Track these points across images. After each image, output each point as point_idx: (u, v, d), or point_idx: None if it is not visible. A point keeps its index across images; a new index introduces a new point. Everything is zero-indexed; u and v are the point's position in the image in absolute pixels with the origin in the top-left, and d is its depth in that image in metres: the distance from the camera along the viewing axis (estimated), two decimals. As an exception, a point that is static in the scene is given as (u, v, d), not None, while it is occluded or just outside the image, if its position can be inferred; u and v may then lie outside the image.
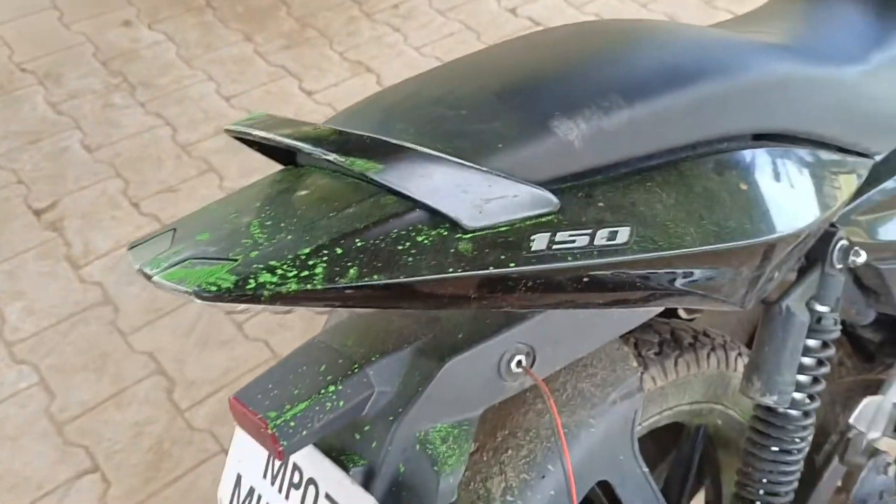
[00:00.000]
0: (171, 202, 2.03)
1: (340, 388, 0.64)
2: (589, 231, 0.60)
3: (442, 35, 2.65)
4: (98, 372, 1.66)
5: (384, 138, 0.55)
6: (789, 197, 0.72)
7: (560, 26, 0.82)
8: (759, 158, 0.71)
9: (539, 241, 0.59)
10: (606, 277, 0.62)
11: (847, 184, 0.80)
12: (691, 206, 0.65)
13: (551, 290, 0.61)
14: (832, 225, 0.84)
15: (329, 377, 0.64)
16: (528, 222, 0.58)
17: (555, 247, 0.59)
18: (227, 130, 0.65)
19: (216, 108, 2.32)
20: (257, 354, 1.69)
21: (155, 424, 1.57)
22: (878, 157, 0.88)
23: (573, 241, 0.60)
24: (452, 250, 0.56)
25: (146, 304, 1.78)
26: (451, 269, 0.56)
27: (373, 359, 0.66)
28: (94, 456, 1.51)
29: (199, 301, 0.53)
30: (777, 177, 0.72)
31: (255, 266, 0.53)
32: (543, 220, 0.59)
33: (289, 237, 0.55)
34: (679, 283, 0.66)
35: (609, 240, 0.61)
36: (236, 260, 0.54)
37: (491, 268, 0.57)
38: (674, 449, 1.10)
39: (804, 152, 0.76)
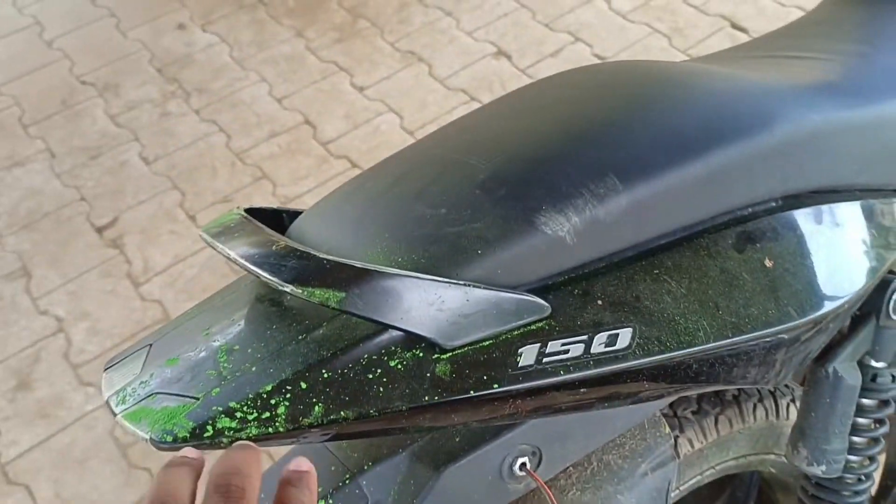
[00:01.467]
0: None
1: (332, 501, 0.61)
2: (584, 337, 0.55)
3: (495, 16, 2.56)
4: (160, 390, 1.69)
5: (346, 262, 0.51)
6: (828, 263, 0.64)
7: (549, 80, 0.74)
8: (789, 224, 0.63)
9: (527, 355, 0.53)
10: (607, 383, 0.57)
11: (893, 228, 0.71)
12: (705, 294, 0.58)
13: (544, 401, 0.56)
14: (891, 271, 0.75)
15: (320, 489, 0.61)
16: (514, 333, 0.53)
17: (545, 360, 0.54)
18: (202, 237, 0.62)
19: (268, 111, 2.32)
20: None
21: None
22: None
23: (566, 352, 0.54)
24: (428, 374, 0.52)
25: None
26: (425, 398, 0.51)
27: (366, 467, 0.62)
28: (157, 477, 1.55)
29: (158, 450, 0.50)
30: (811, 243, 0.64)
31: (213, 409, 0.50)
32: (532, 328, 0.54)
33: (253, 368, 0.52)
34: (694, 377, 0.60)
35: (608, 345, 0.55)
36: (197, 399, 0.51)
37: (471, 391, 0.52)
38: (727, 492, 1.03)
39: (846, 206, 0.67)
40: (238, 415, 0.49)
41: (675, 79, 0.68)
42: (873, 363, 0.77)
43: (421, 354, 0.52)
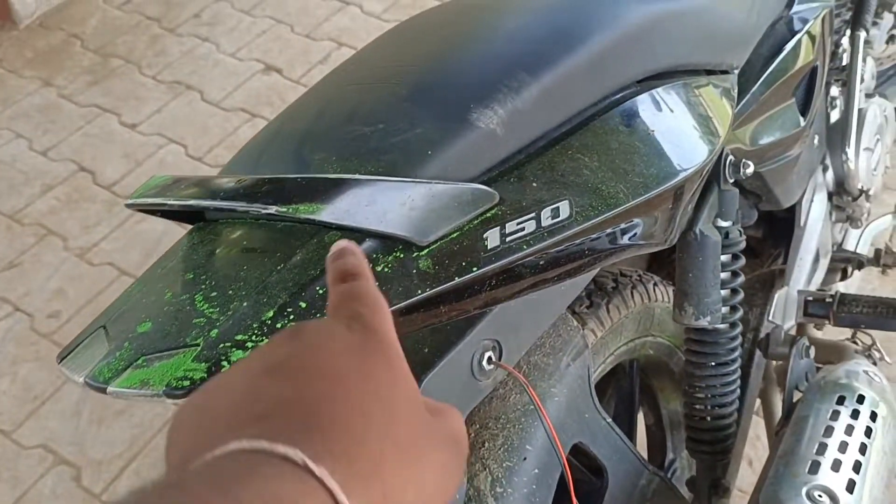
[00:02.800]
0: (18, 278, 1.85)
1: None
2: (533, 214, 0.60)
3: (255, 34, 2.55)
4: (-10, 481, 1.51)
5: (322, 175, 0.52)
6: (692, 128, 0.75)
7: (430, 10, 0.80)
8: (656, 100, 0.73)
9: (492, 238, 0.58)
10: (559, 254, 0.62)
11: (728, 102, 0.84)
12: (614, 163, 0.66)
13: (512, 281, 0.60)
14: None
15: None
16: (475, 221, 0.57)
17: (508, 239, 0.58)
18: (129, 205, 0.59)
19: (35, 165, 2.13)
20: (162, 413, 1.59)
21: (73, 517, 1.45)
22: (737, 71, 0.93)
23: (522, 229, 0.59)
24: (414, 271, 0.54)
25: (21, 395, 1.63)
26: (419, 291, 0.54)
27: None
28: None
29: (170, 401, 0.48)
30: (675, 113, 0.74)
31: (221, 346, 0.49)
32: (489, 215, 0.58)
33: (244, 304, 0.51)
34: (619, 239, 0.68)
35: (553, 217, 0.61)
36: (197, 344, 0.49)
37: (456, 277, 0.55)
38: (612, 390, 1.14)
39: (687, 83, 0.78)
40: (249, 345, 0.49)
41: None
42: (722, 223, 0.90)
43: (402, 255, 0.54)
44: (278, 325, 0.50)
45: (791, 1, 1.08)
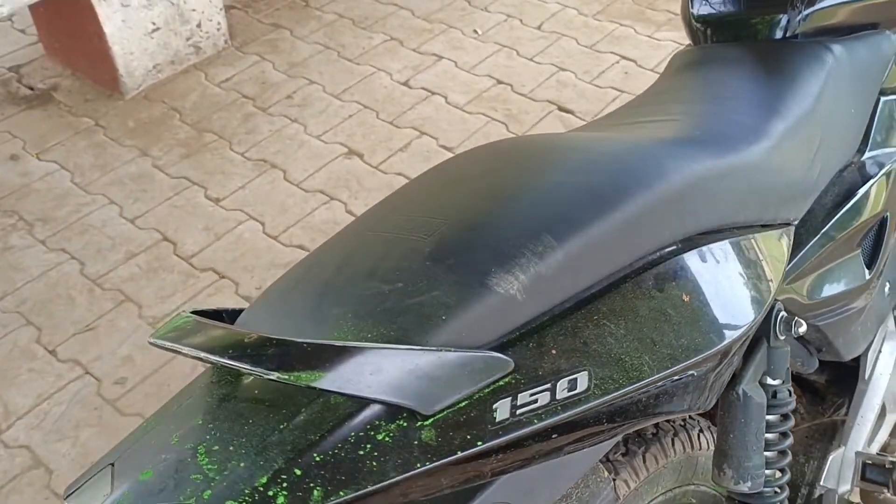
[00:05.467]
0: (92, 342, 1.93)
1: None
2: (548, 385, 0.59)
3: (341, 118, 2.65)
4: (38, 544, 1.54)
5: (325, 342, 0.52)
6: (732, 294, 0.72)
7: (465, 155, 0.81)
8: (693, 263, 0.71)
9: (502, 410, 0.57)
10: (575, 424, 0.61)
11: (779, 257, 0.81)
12: (641, 331, 0.64)
13: (522, 450, 0.59)
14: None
15: None
16: (486, 390, 0.57)
17: (518, 412, 0.57)
18: (153, 343, 0.61)
19: (122, 232, 2.24)
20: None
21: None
22: (795, 223, 0.90)
23: (535, 401, 0.58)
24: (416, 442, 0.54)
25: (79, 460, 1.68)
26: (418, 465, 0.53)
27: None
28: None
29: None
30: (715, 276, 0.72)
31: (211, 511, 0.49)
32: (501, 383, 0.57)
33: (241, 464, 0.52)
34: (645, 408, 0.66)
35: (570, 390, 0.59)
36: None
37: (458, 452, 0.55)
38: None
39: (733, 242, 0.76)
40: None
41: (575, 146, 0.76)
42: (770, 381, 0.86)
43: (405, 424, 0.54)
44: (270, 493, 0.50)
45: (864, 146, 1.05)
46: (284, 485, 0.50)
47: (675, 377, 0.66)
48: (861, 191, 0.99)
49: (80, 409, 1.79)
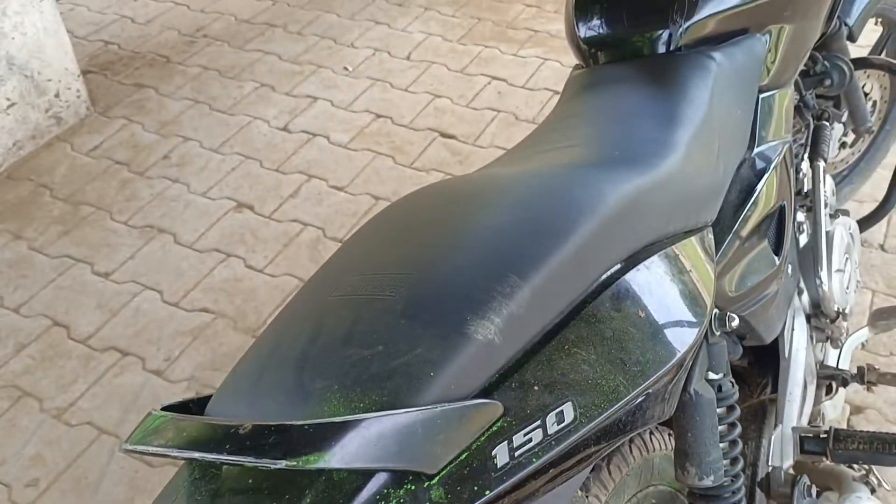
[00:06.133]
0: (-9, 447, 1.80)
1: None
2: (539, 422, 0.60)
3: (224, 172, 2.59)
4: None
5: (326, 421, 0.51)
6: (681, 301, 0.76)
7: (403, 202, 0.81)
8: (641, 278, 0.74)
9: (501, 455, 0.57)
10: (566, 456, 0.62)
11: (709, 260, 0.86)
12: (611, 353, 0.67)
13: (521, 491, 0.60)
14: None
15: None
16: (482, 438, 0.57)
17: (517, 454, 0.58)
18: (128, 451, 0.58)
19: (6, 323, 2.10)
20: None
21: None
22: (711, 224, 0.95)
23: (530, 440, 0.59)
24: (427, 503, 0.53)
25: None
26: (433, 526, 0.53)
27: None
28: None
29: None
30: (662, 287, 0.75)
31: None
32: (495, 428, 0.58)
33: (258, 562, 0.50)
34: (624, 426, 0.68)
35: (559, 423, 0.61)
36: None
37: (469, 504, 0.55)
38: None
39: (669, 252, 0.80)
40: None
41: (507, 183, 0.78)
42: (713, 376, 0.90)
43: (412, 487, 0.54)
44: None
45: (752, 142, 1.12)
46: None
47: (647, 391, 0.69)
48: (760, 185, 1.06)
49: (-9, 521, 1.66)
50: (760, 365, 1.25)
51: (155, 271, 2.24)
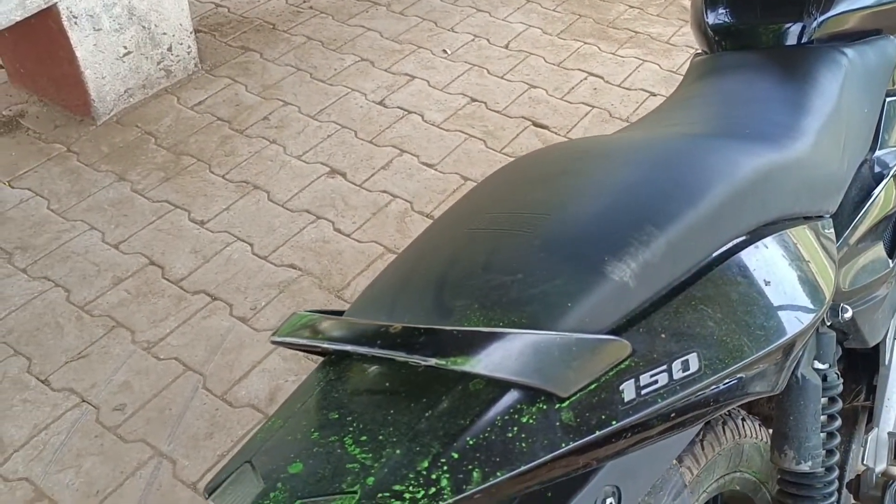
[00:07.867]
0: (86, 370, 1.89)
1: None
2: (665, 367, 0.61)
3: (320, 138, 2.65)
4: (47, 578, 1.50)
5: (476, 329, 0.54)
6: (806, 278, 0.77)
7: (526, 159, 0.83)
8: (769, 251, 0.75)
9: (628, 391, 0.59)
10: (686, 405, 0.63)
11: (832, 247, 0.86)
12: (736, 315, 0.68)
13: (642, 431, 0.61)
14: None
15: None
16: (611, 373, 0.59)
17: (643, 392, 0.60)
18: (276, 342, 0.62)
19: (106, 258, 2.20)
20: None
21: None
22: (830, 216, 0.95)
23: (656, 382, 0.61)
24: (558, 423, 0.56)
25: (84, 489, 1.64)
26: (563, 444, 0.55)
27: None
28: None
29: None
30: (789, 263, 0.76)
31: (380, 496, 0.50)
32: (623, 366, 0.60)
33: (397, 451, 0.53)
34: (739, 389, 0.69)
35: (684, 370, 0.62)
36: (354, 492, 0.51)
37: (597, 430, 0.57)
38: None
39: (795, 233, 0.80)
40: (407, 495, 0.50)
41: (640, 144, 0.80)
42: (819, 365, 0.90)
43: (544, 406, 0.56)
44: (433, 476, 0.51)
45: (875, 144, 1.11)
46: (445, 468, 0.51)
47: (765, 360, 0.69)
48: (879, 187, 1.05)
49: (79, 437, 1.75)
50: (854, 372, 1.23)
51: (248, 225, 2.31)
